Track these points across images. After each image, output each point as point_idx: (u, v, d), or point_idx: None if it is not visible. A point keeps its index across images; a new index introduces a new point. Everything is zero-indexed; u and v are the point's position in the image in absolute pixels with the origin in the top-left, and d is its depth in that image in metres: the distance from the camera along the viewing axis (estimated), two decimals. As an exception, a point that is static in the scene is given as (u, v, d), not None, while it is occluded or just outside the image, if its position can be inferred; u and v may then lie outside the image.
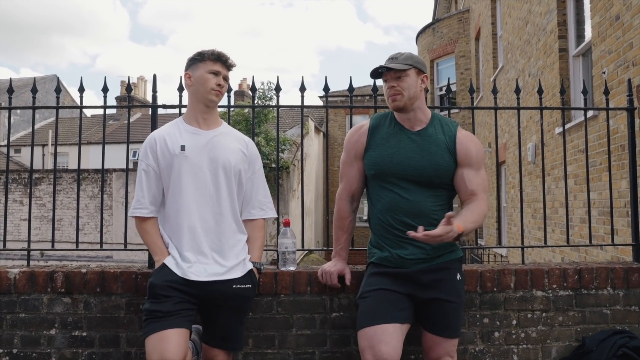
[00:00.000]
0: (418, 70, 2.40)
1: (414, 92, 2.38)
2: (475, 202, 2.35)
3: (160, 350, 2.13)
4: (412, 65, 2.38)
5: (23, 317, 2.71)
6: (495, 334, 2.79)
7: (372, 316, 2.27)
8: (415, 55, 2.44)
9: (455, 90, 15.55)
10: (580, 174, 5.82)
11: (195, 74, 2.40)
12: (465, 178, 2.38)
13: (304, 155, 18.11)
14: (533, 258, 8.03)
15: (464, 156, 2.39)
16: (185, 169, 2.34)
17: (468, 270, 2.78)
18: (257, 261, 2.51)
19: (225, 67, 2.45)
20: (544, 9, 7.42)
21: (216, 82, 2.40)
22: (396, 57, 2.41)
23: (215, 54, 2.42)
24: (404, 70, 2.36)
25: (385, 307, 2.29)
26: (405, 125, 2.45)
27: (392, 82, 2.38)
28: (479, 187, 2.38)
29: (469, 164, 2.39)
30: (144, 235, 2.39)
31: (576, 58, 6.56)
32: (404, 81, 2.37)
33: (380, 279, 2.37)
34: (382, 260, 2.40)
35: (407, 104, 2.39)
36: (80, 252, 15.91)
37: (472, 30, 14.90)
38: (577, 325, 2.82)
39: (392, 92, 2.39)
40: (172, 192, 2.36)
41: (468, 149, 2.40)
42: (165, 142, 2.38)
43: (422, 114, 2.45)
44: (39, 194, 17.25)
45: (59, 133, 26.15)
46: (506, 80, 10.20)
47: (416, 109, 2.43)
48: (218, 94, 2.42)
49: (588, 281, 2.85)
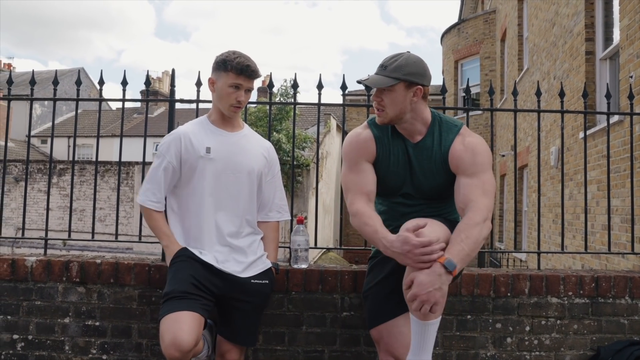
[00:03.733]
0: (408, 83, 2.16)
1: (400, 108, 2.18)
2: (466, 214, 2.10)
3: (174, 330, 2.13)
4: (400, 78, 2.14)
5: (39, 304, 2.75)
6: (507, 339, 2.75)
7: (375, 315, 2.27)
8: (411, 62, 2.17)
9: (479, 92, 15.39)
10: (603, 180, 5.71)
11: (218, 83, 2.38)
12: (459, 185, 2.19)
13: (325, 154, 18.11)
14: (553, 264, 7.92)
15: (456, 165, 2.21)
16: (209, 170, 2.38)
17: (482, 274, 2.75)
18: (274, 261, 2.55)
19: (250, 79, 2.36)
20: (571, 10, 7.29)
21: (236, 97, 2.36)
22: (386, 65, 2.18)
23: (240, 67, 2.32)
24: (390, 85, 2.14)
25: (384, 302, 2.25)
26: (405, 135, 2.29)
27: (377, 95, 2.19)
28: (475, 190, 2.13)
29: (463, 170, 2.20)
30: (154, 223, 2.41)
31: (603, 61, 6.44)
32: (388, 96, 2.17)
33: (377, 269, 2.34)
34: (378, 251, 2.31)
35: (392, 119, 2.22)
36: (102, 242, 16.15)
37: (498, 31, 14.72)
38: (592, 334, 2.77)
39: (376, 105, 2.22)
40: (194, 191, 2.39)
41: (461, 157, 2.20)
42: (191, 142, 2.39)
43: (420, 124, 2.26)
44: (63, 184, 17.55)
45: (85, 125, 26.59)
46: (531, 83, 10.06)
47: (409, 121, 2.24)
48: (237, 110, 2.42)
49: (605, 289, 2.79)
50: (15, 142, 25.03)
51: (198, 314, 2.22)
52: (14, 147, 24.43)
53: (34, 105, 27.16)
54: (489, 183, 2.17)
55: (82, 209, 16.87)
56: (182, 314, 2.18)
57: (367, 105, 3.11)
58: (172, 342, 2.11)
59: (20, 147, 25.28)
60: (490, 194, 2.16)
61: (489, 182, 2.17)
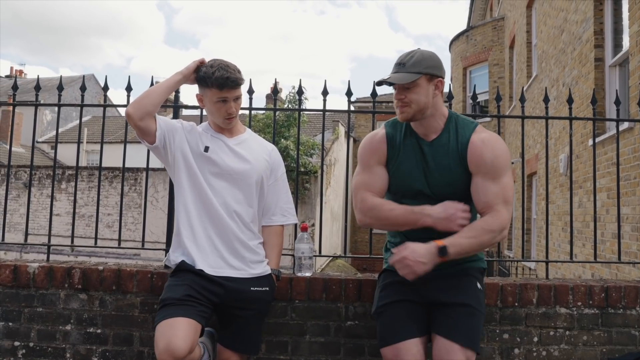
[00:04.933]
0: (430, 76, 2.17)
1: (424, 103, 2.17)
2: (485, 217, 2.13)
3: (168, 336, 2.09)
4: (422, 72, 2.14)
5: (40, 311, 2.73)
6: (515, 350, 2.69)
7: (391, 334, 2.18)
8: (427, 56, 2.18)
9: (488, 99, 15.32)
10: (613, 188, 5.64)
11: (205, 100, 2.37)
12: (479, 188, 2.17)
13: (333, 160, 18.08)
14: (562, 273, 7.83)
15: (475, 164, 2.16)
16: (207, 170, 2.36)
17: (489, 284, 2.70)
18: (275, 268, 2.51)
19: (233, 89, 2.32)
20: (580, 17, 7.24)
21: (226, 109, 2.34)
22: (404, 62, 2.16)
23: (220, 81, 2.27)
24: (413, 80, 2.14)
25: (401, 322, 2.18)
26: (420, 133, 2.26)
27: (400, 93, 2.18)
28: (497, 198, 2.13)
29: (484, 172, 2.15)
30: (153, 88, 2.37)
31: (612, 68, 6.38)
32: (413, 92, 2.15)
33: (393, 290, 2.27)
34: None
35: (416, 115, 2.19)
36: (109, 249, 16.17)
37: (506, 38, 14.67)
38: (602, 346, 2.71)
39: (399, 103, 2.19)
40: (195, 189, 2.36)
41: (481, 155, 2.16)
42: (200, 136, 2.41)
43: (437, 121, 2.24)
44: (72, 190, 17.62)
45: (95, 131, 26.75)
46: (540, 90, 10.00)
47: (429, 117, 2.22)
48: (231, 120, 2.40)
49: (615, 300, 2.73)
50: (25, 147, 25.21)
51: (194, 320, 2.18)
52: (24, 153, 24.61)
53: (44, 111, 27.40)
54: (509, 188, 2.18)
55: (91, 214, 16.92)
56: (177, 320, 2.15)
57: (373, 112, 3.09)
58: (165, 348, 2.08)
59: (30, 152, 25.43)
60: (510, 201, 2.18)
61: (508, 187, 2.17)
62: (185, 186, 2.37)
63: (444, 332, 2.13)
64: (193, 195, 2.36)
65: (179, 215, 2.38)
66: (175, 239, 2.40)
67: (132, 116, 2.27)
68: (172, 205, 2.98)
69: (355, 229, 22.76)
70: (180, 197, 2.38)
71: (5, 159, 17.40)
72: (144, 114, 2.28)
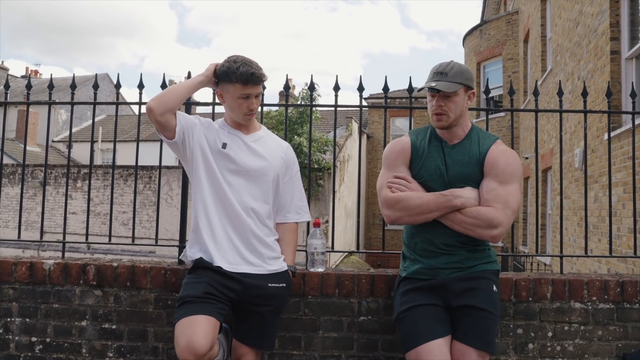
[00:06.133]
0: (466, 88, 2.30)
1: (460, 112, 2.30)
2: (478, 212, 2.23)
3: (189, 334, 2.12)
4: (462, 83, 2.27)
5: (56, 307, 2.77)
6: (529, 345, 2.67)
7: (415, 337, 2.20)
8: (465, 69, 2.32)
9: (502, 94, 15.19)
10: (629, 182, 5.57)
11: (226, 95, 2.37)
12: (486, 187, 2.27)
13: (346, 157, 18.05)
14: (578, 268, 7.75)
15: (490, 166, 2.28)
16: (224, 166, 2.37)
17: (502, 279, 2.68)
18: (291, 264, 2.52)
19: (257, 85, 2.34)
20: (595, 9, 7.14)
21: (247, 106, 2.36)
22: (446, 71, 2.28)
23: (245, 77, 2.29)
24: (455, 90, 2.26)
25: (425, 324, 2.21)
26: (444, 138, 2.38)
27: (440, 100, 2.28)
28: (499, 198, 2.23)
29: (494, 174, 2.27)
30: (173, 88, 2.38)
31: (629, 61, 6.29)
32: (453, 101, 2.28)
33: (413, 296, 2.30)
34: (414, 273, 2.33)
35: (452, 122, 2.32)
36: (125, 246, 16.32)
37: (520, 32, 14.53)
38: (618, 341, 2.68)
39: (438, 110, 2.29)
40: (213, 185, 2.37)
41: (496, 160, 2.28)
42: (217, 133, 2.42)
43: (462, 129, 2.37)
44: (87, 188, 17.76)
45: (110, 130, 26.96)
46: (554, 84, 9.89)
47: (458, 125, 2.35)
48: (251, 117, 2.42)
49: (631, 294, 2.70)
50: (41, 147, 25.49)
51: (213, 317, 2.20)
52: (40, 152, 24.89)
53: (59, 110, 27.67)
54: (513, 196, 2.25)
55: (107, 212, 17.05)
56: (197, 318, 2.17)
57: (385, 107, 3.08)
58: (187, 346, 2.10)
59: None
60: (512, 207, 2.24)
61: (513, 195, 2.25)
62: (203, 182, 2.38)
63: (459, 336, 2.21)
64: (211, 192, 2.37)
65: (197, 212, 2.39)
66: (192, 235, 2.41)
67: (153, 110, 2.27)
68: (185, 201, 2.99)
69: (369, 225, 22.72)
70: (199, 193, 2.39)
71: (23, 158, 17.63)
72: (165, 110, 2.29)
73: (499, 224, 2.21)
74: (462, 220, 2.24)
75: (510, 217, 2.23)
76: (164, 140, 2.39)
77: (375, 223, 22.20)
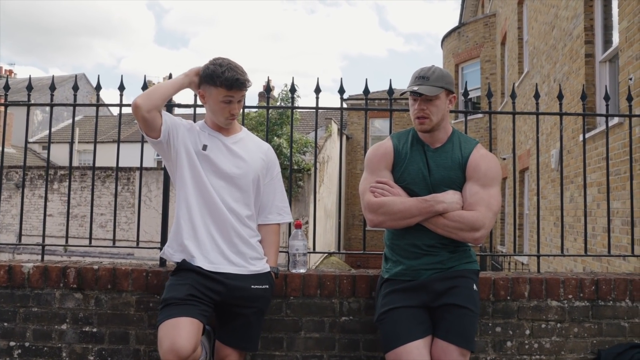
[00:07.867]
0: (447, 91, 2.35)
1: (442, 115, 2.35)
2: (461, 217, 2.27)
3: (173, 336, 2.12)
4: (444, 87, 2.32)
5: (35, 311, 2.74)
6: (507, 343, 2.73)
7: (394, 338, 2.24)
8: (446, 73, 2.37)
9: (480, 96, 15.37)
10: (604, 182, 5.69)
11: (209, 98, 2.37)
12: (469, 191, 2.32)
13: (326, 158, 18.09)
14: (554, 267, 7.89)
15: (472, 170, 2.34)
16: (205, 167, 2.37)
17: (481, 278, 2.72)
18: (274, 265, 2.53)
19: (240, 91, 2.35)
20: (570, 13, 7.28)
21: (229, 110, 2.37)
22: (427, 76, 2.33)
23: (229, 81, 2.29)
24: (437, 93, 2.30)
25: (404, 325, 2.25)
26: (426, 141, 2.42)
27: (422, 104, 2.32)
28: (482, 201, 2.28)
29: (476, 178, 2.32)
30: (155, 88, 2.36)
31: (603, 64, 6.42)
32: (435, 105, 2.32)
33: (393, 297, 2.34)
34: (397, 275, 2.37)
35: (434, 126, 2.36)
36: (103, 248, 16.11)
37: (498, 34, 14.72)
38: (593, 338, 2.75)
39: (420, 114, 2.33)
40: (197, 185, 2.37)
41: (478, 164, 2.34)
42: (198, 134, 2.42)
43: (444, 133, 2.41)
44: (65, 190, 17.52)
45: (87, 131, 26.63)
46: (531, 86, 10.05)
47: (439, 129, 2.39)
48: (232, 120, 2.43)
49: (605, 292, 2.77)
50: (16, 148, 25.04)
51: (197, 320, 2.21)
52: (15, 154, 24.45)
53: (35, 111, 27.22)
54: (495, 198, 2.32)
55: (84, 214, 16.83)
56: (180, 320, 2.17)
57: (365, 109, 3.10)
58: (170, 348, 2.10)
59: (21, 153, 25.27)
60: (493, 209, 2.30)
61: (494, 198, 2.32)
62: (187, 182, 2.37)
63: (441, 333, 2.26)
64: (195, 191, 2.37)
65: (179, 211, 2.39)
66: (174, 234, 2.40)
67: (140, 107, 2.26)
68: (166, 202, 2.99)
69: (349, 225, 22.80)
70: (182, 192, 2.39)
71: (-3, 160, 17.32)
72: (152, 106, 2.28)
73: (482, 226, 2.26)
74: (445, 224, 2.28)
75: (492, 219, 2.29)
76: (148, 140, 2.38)
77: (354, 224, 22.29)
